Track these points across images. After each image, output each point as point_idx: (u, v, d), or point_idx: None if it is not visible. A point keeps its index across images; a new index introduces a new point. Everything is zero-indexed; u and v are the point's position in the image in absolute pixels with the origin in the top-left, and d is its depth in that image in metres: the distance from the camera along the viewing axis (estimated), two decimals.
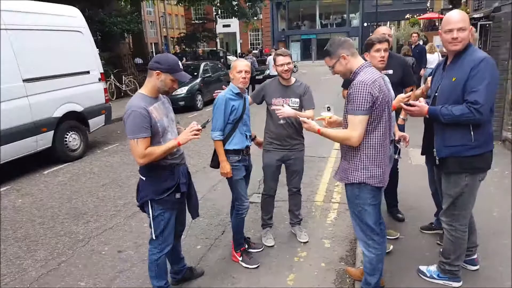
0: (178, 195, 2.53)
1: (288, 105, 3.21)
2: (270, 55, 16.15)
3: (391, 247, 3.18)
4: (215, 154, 3.08)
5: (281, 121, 3.32)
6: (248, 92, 3.51)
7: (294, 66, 22.17)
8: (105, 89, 7.56)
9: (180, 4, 22.33)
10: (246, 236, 3.41)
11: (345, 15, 40.88)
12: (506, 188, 4.33)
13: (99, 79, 7.37)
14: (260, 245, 3.48)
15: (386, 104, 2.22)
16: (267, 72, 15.32)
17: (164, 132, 2.41)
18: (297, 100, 3.28)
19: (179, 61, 2.44)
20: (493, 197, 4.02)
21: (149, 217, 2.50)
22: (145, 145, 2.28)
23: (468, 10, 21.94)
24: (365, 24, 36.91)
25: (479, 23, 17.16)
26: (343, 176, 2.38)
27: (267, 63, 15.43)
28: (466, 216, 2.56)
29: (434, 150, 2.55)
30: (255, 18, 24.41)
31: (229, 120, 2.98)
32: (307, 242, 3.57)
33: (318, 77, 21.04)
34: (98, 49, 8.05)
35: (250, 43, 39.88)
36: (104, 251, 3.60)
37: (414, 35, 9.67)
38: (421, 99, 2.63)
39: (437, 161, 2.55)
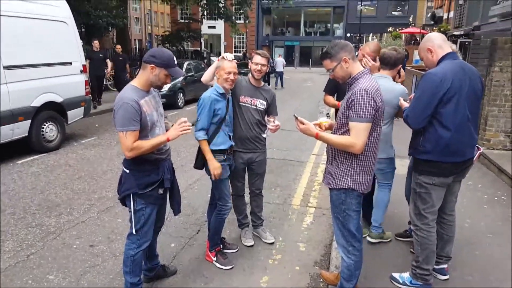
0: (161, 191, 2.51)
1: (256, 105, 3.22)
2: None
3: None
4: (199, 155, 3.05)
5: (265, 135, 3.31)
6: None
7: (276, 72, 22.76)
8: (86, 81, 7.39)
9: (167, 2, 22.13)
10: (221, 236, 3.39)
11: (329, 25, 41.51)
12: (478, 201, 4.49)
13: (81, 71, 7.21)
14: (235, 246, 3.47)
15: (382, 113, 2.26)
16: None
17: (153, 127, 2.39)
18: (264, 102, 3.26)
19: (174, 57, 2.42)
20: (466, 208, 4.14)
21: (130, 211, 2.45)
22: (134, 138, 2.26)
23: (449, 27, 22.74)
24: (348, 35, 37.59)
25: (459, 40, 17.83)
26: (331, 181, 2.37)
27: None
28: (428, 216, 2.64)
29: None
30: (248, 21, 24.38)
31: (213, 121, 2.97)
32: (273, 242, 3.59)
33: (300, 83, 21.31)
34: (81, 41, 7.87)
35: (235, 46, 39.91)
36: (76, 245, 3.50)
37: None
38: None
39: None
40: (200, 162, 3.07)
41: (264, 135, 3.31)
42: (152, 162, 2.44)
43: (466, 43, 17.43)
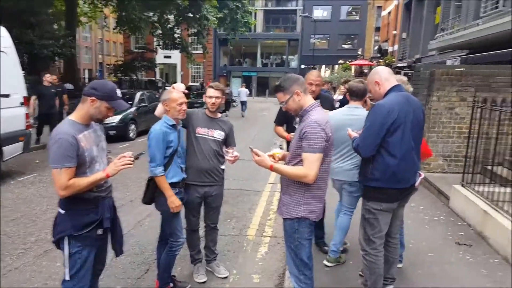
0: (100, 231, 2.35)
1: (214, 136, 3.21)
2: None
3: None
4: (148, 190, 2.94)
5: (223, 166, 3.30)
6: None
7: (234, 101, 23.31)
8: (26, 114, 6.96)
9: (120, 32, 21.94)
10: (172, 274, 3.23)
11: (284, 56, 43.14)
12: (421, 222, 4.70)
13: (22, 103, 6.79)
14: (187, 284, 3.31)
15: (332, 143, 2.34)
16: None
17: (92, 162, 2.27)
18: (222, 133, 3.26)
19: (117, 89, 2.34)
20: (410, 230, 4.27)
21: (64, 255, 2.28)
22: (69, 175, 2.13)
23: (394, 59, 24.48)
24: (303, 66, 39.14)
25: (403, 72, 19.24)
26: (284, 211, 2.41)
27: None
28: (376, 241, 2.73)
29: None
30: (206, 51, 24.83)
31: (166, 154, 2.90)
32: (227, 277, 3.48)
33: (258, 113, 21.69)
34: (23, 72, 7.44)
35: (191, 76, 40.08)
36: None
37: (342, 87, 9.10)
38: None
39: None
40: (150, 197, 2.96)
41: (222, 166, 3.29)
42: (91, 201, 2.30)
43: (409, 74, 18.86)
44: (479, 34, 10.25)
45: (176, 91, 2.96)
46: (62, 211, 2.27)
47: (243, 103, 20.06)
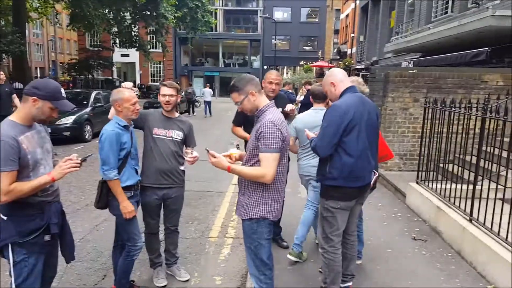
0: (47, 237, 2.23)
1: (172, 136, 3.13)
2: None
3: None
4: (102, 194, 2.81)
5: (183, 167, 3.22)
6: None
7: (197, 101, 23.06)
8: None
9: (74, 30, 20.95)
10: (130, 279, 3.11)
11: (247, 57, 43.22)
12: (379, 218, 4.86)
13: None
14: None
15: (288, 143, 2.36)
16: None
17: (36, 166, 2.14)
18: (181, 133, 3.18)
19: (62, 88, 2.22)
20: (369, 227, 4.39)
21: (9, 263, 2.15)
22: (10, 180, 2.01)
23: (352, 61, 25.31)
24: (265, 67, 39.42)
25: (361, 73, 19.91)
26: (243, 212, 2.39)
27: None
28: (333, 239, 2.79)
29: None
30: (166, 50, 24.32)
31: (120, 156, 2.78)
32: (188, 280, 3.41)
33: (222, 113, 21.59)
34: None
35: (151, 75, 39.13)
36: None
37: (305, 88, 9.52)
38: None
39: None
40: (104, 201, 2.83)
41: (182, 167, 3.20)
42: (35, 206, 2.17)
43: (367, 76, 19.58)
44: (430, 37, 10.78)
45: (128, 90, 2.86)
46: (4, 217, 2.14)
47: (207, 103, 20.01)
